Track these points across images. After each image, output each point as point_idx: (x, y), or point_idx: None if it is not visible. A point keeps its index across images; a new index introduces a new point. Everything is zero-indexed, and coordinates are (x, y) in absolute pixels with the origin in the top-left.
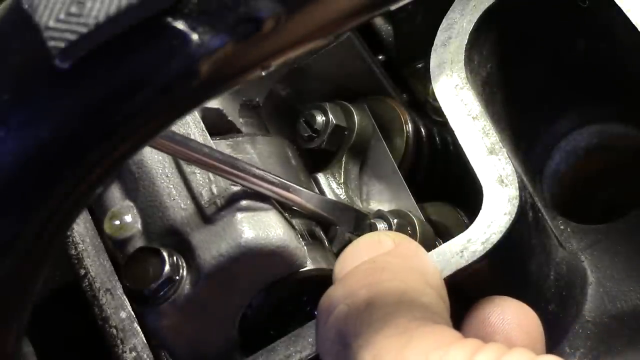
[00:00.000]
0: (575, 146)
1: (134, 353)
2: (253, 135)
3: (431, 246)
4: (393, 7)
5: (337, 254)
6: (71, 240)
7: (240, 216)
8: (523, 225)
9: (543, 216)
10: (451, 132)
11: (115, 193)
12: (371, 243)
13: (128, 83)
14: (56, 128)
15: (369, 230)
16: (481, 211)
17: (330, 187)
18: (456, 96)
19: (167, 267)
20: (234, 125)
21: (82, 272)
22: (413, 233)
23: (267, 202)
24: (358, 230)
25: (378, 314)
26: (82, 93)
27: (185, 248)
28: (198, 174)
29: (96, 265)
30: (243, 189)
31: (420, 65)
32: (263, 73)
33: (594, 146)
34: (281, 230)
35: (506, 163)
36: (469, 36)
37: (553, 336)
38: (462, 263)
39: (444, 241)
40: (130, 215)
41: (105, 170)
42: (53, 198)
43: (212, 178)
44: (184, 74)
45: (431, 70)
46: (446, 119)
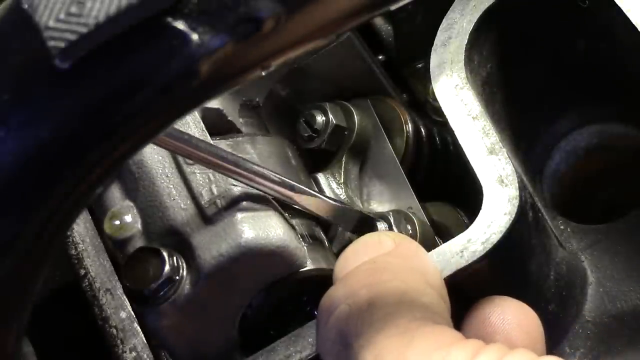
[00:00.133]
0: (575, 146)
1: (134, 353)
2: (253, 135)
3: (431, 246)
4: (393, 7)
5: (337, 254)
6: (71, 240)
7: (240, 216)
8: (523, 225)
9: (543, 216)
10: (451, 132)
11: (115, 193)
12: (371, 243)
13: (128, 83)
14: (56, 128)
15: (369, 230)
16: (481, 211)
17: (330, 187)
18: (456, 96)
19: (167, 267)
20: (234, 125)
21: (82, 272)
22: (413, 233)
23: (267, 203)
24: (358, 230)
25: (379, 314)
26: (82, 93)
27: (185, 248)
28: (198, 174)
29: (96, 265)
30: (243, 189)
31: (420, 65)
32: (263, 73)
33: (594, 146)
34: (281, 230)
35: (506, 163)
36: (469, 36)
37: (553, 336)
38: (462, 263)
39: (444, 241)
40: (130, 215)
41: (105, 170)
42: (53, 198)
43: (212, 178)
44: (184, 74)
45: (431, 70)
46: (446, 119)
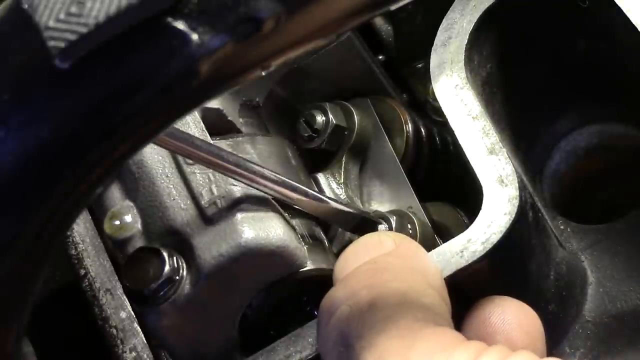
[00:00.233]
0: (575, 146)
1: (134, 353)
2: (253, 135)
3: (431, 246)
4: (393, 7)
5: (337, 254)
6: (71, 240)
7: (240, 216)
8: (523, 225)
9: (543, 216)
10: (451, 132)
11: (115, 193)
12: (372, 243)
13: (128, 83)
14: (56, 128)
15: (370, 230)
16: (481, 211)
17: (330, 187)
18: (456, 96)
19: (167, 267)
20: (234, 125)
21: (82, 272)
22: (413, 233)
23: (268, 203)
24: (358, 230)
25: (380, 315)
26: (82, 93)
27: (185, 248)
28: (198, 174)
29: (96, 265)
30: (243, 190)
31: (420, 65)
32: (263, 73)
33: (594, 146)
34: (281, 230)
35: (506, 163)
36: (469, 36)
37: (553, 336)
38: (462, 263)
39: (444, 241)
40: (130, 215)
41: (105, 170)
42: (53, 198)
43: (212, 178)
44: (184, 74)
45: (431, 70)
46: (446, 119)
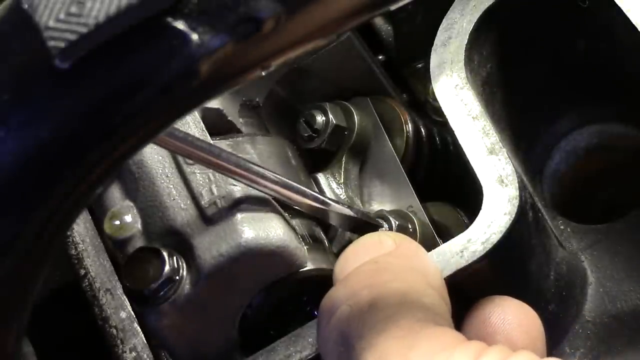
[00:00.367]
0: (575, 146)
1: (134, 353)
2: (253, 135)
3: (431, 246)
4: (393, 7)
5: (337, 255)
6: (71, 240)
7: (240, 216)
8: (523, 225)
9: (543, 216)
10: (451, 132)
11: (115, 193)
12: (372, 243)
13: (128, 83)
14: (56, 128)
15: (370, 230)
16: (481, 211)
17: (330, 187)
18: (456, 96)
19: (167, 267)
20: (234, 125)
21: (82, 272)
22: (413, 233)
23: (268, 203)
24: (358, 230)
25: (380, 315)
26: (82, 93)
27: (185, 248)
28: (198, 174)
29: (96, 265)
30: (243, 190)
31: (420, 65)
32: (263, 73)
33: (594, 146)
34: (281, 230)
35: (506, 163)
36: (469, 36)
37: (553, 336)
38: (462, 263)
39: (444, 241)
40: (130, 215)
41: (105, 170)
42: (53, 198)
43: (212, 178)
44: (184, 74)
45: (431, 70)
46: (446, 119)
